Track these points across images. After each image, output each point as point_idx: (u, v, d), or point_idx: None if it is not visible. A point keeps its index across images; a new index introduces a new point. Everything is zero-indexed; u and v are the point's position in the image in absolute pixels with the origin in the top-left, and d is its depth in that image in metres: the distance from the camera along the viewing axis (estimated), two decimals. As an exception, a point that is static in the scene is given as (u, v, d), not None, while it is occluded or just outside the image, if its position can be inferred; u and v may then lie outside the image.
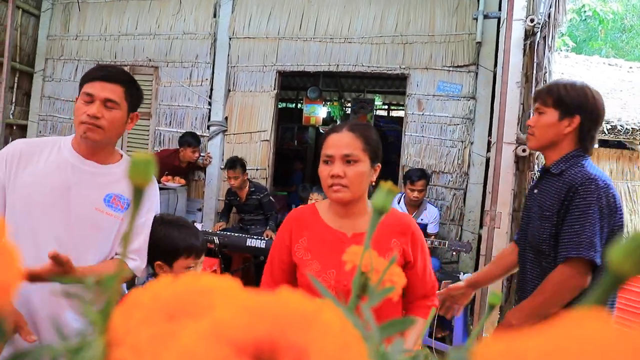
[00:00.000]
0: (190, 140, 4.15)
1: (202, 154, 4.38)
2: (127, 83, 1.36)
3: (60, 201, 1.32)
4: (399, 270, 0.50)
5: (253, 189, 3.96)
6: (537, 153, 2.76)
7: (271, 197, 4.11)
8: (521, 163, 2.82)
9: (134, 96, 1.39)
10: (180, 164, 4.24)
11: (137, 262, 1.39)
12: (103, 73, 1.34)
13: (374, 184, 1.29)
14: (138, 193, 0.30)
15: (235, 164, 3.83)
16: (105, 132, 1.32)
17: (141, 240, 1.39)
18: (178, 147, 4.24)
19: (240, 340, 0.20)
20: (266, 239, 3.53)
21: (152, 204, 1.45)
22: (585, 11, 10.20)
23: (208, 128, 4.55)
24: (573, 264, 1.34)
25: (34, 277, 1.04)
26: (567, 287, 1.34)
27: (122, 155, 1.46)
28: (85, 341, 0.28)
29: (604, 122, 4.01)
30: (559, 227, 1.40)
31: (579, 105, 1.42)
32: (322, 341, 0.20)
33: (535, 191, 1.54)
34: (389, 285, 0.46)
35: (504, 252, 1.77)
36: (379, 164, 1.28)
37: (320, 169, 1.25)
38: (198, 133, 4.54)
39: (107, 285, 0.30)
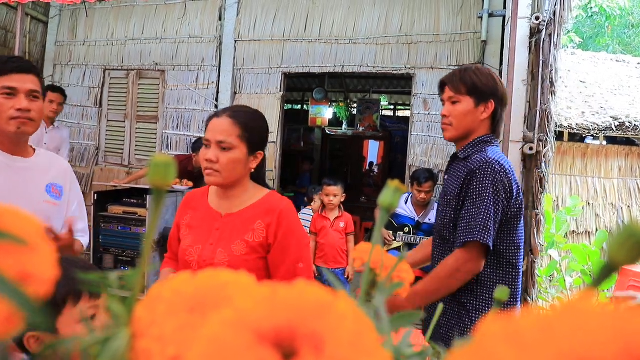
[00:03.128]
0: (202, 146, 4.18)
1: None
2: (38, 73, 1.36)
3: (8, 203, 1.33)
4: (407, 267, 0.51)
5: None
6: (545, 151, 2.75)
7: None
8: (528, 161, 2.82)
9: (43, 84, 1.40)
10: (193, 169, 4.28)
11: (86, 238, 1.51)
12: (18, 64, 1.30)
13: (252, 170, 1.31)
14: (159, 194, 0.32)
15: None
16: (36, 124, 1.33)
17: (85, 219, 1.54)
18: (191, 153, 4.26)
19: (261, 328, 0.21)
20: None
21: (76, 186, 1.53)
22: (591, 7, 10.12)
23: (215, 130, 4.58)
24: (469, 248, 1.31)
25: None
26: (462, 272, 1.30)
27: (34, 149, 1.47)
28: (111, 332, 0.29)
29: (612, 119, 3.99)
30: (458, 212, 1.38)
31: (492, 90, 1.41)
32: (338, 329, 0.22)
33: (446, 177, 1.54)
34: (397, 282, 0.47)
35: (425, 242, 1.72)
36: (261, 152, 1.30)
37: (201, 152, 1.30)
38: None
39: (131, 281, 0.32)
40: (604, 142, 4.25)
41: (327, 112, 7.11)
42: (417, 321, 0.43)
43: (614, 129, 3.92)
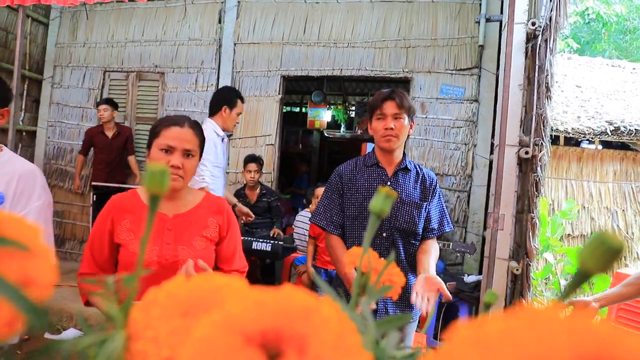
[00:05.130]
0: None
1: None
2: None
3: None
4: (398, 270, 0.52)
5: (264, 191, 4.00)
6: (541, 155, 2.76)
7: (279, 203, 4.15)
8: (524, 165, 2.83)
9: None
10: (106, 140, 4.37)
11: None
12: None
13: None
14: (154, 201, 0.33)
15: (257, 158, 3.94)
16: None
17: (44, 227, 1.39)
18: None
19: (249, 331, 0.23)
20: (272, 241, 3.56)
21: (34, 195, 1.39)
22: (588, 14, 10.18)
23: (213, 133, 4.60)
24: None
25: None
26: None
27: (2, 149, 1.41)
28: (108, 334, 0.30)
29: (607, 124, 4.02)
30: (426, 212, 1.77)
31: (414, 112, 1.79)
32: (322, 332, 0.23)
33: (389, 184, 1.75)
34: (388, 285, 0.48)
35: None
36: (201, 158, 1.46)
37: (155, 157, 1.34)
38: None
39: (127, 284, 0.33)
40: (599, 147, 4.28)
41: (325, 115, 7.12)
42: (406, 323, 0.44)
43: (609, 133, 3.95)
